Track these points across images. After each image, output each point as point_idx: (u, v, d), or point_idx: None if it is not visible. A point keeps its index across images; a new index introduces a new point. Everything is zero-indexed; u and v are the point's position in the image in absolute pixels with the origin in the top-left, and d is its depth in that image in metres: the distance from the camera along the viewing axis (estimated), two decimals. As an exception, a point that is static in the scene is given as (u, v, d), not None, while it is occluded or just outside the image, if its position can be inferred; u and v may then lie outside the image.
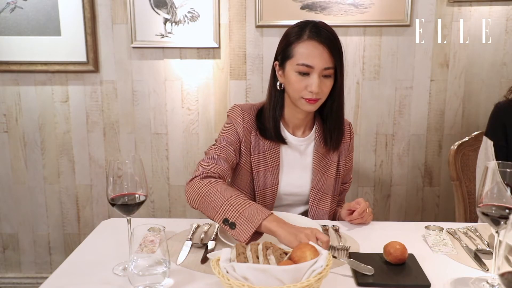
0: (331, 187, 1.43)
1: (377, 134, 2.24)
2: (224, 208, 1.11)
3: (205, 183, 1.18)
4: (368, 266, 1.01)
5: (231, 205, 1.11)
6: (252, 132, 1.38)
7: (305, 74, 1.26)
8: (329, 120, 1.40)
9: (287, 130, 1.41)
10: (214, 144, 1.36)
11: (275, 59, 1.36)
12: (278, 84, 1.35)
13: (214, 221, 1.14)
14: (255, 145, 1.37)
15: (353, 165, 1.57)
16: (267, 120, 1.37)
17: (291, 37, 1.29)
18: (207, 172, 1.22)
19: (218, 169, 1.26)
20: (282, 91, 1.37)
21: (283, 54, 1.31)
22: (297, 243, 1.00)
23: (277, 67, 1.35)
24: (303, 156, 1.42)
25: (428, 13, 2.10)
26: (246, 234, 1.07)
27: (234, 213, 1.10)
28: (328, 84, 1.29)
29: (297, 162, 1.41)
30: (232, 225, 1.09)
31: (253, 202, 1.13)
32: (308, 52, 1.25)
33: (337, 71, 1.30)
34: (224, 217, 1.11)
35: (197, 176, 1.21)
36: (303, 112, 1.36)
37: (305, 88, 1.27)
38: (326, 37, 1.26)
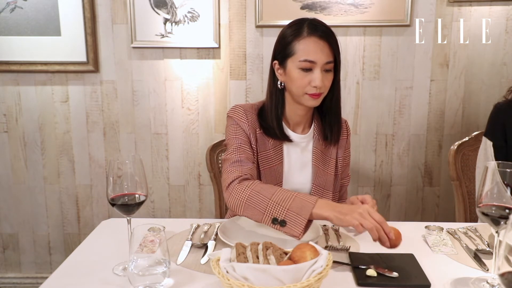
0: (332, 183, 1.44)
1: (377, 134, 2.24)
2: (270, 208, 1.11)
3: (244, 187, 1.18)
4: (394, 272, 0.99)
5: (276, 203, 1.11)
6: (257, 130, 1.39)
7: (308, 70, 1.28)
8: (329, 114, 1.42)
9: (288, 128, 1.43)
10: (223, 145, 1.34)
11: (274, 59, 1.38)
12: (279, 83, 1.37)
13: (263, 223, 1.13)
14: (261, 143, 1.38)
15: (350, 161, 1.56)
16: (270, 120, 1.38)
17: (290, 36, 1.31)
18: (241, 176, 1.22)
19: (247, 170, 1.26)
20: (283, 89, 1.38)
21: (283, 53, 1.33)
22: (346, 223, 1.03)
23: (276, 66, 1.37)
24: (304, 153, 1.43)
25: (428, 13, 2.10)
26: (299, 228, 1.07)
27: (281, 211, 1.10)
28: (330, 78, 1.32)
29: (298, 159, 1.43)
30: (282, 223, 1.09)
31: (296, 193, 1.13)
32: (309, 48, 1.27)
33: (336, 65, 1.32)
34: (272, 217, 1.11)
35: (233, 181, 1.21)
36: (304, 108, 1.38)
37: (309, 84, 1.29)
38: (325, 32, 1.29)
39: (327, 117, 1.42)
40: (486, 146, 1.51)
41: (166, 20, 2.13)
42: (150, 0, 2.11)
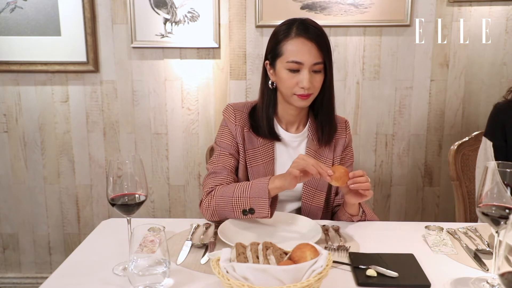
0: (326, 184, 1.43)
1: (377, 134, 2.24)
2: (235, 205, 1.24)
3: (209, 199, 1.30)
4: (393, 272, 0.99)
5: (238, 197, 1.24)
6: (245, 128, 1.41)
7: (296, 70, 1.29)
8: (320, 115, 1.42)
9: (280, 126, 1.44)
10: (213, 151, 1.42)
11: (265, 58, 1.39)
12: (270, 82, 1.38)
13: (237, 218, 1.26)
14: (248, 141, 1.41)
15: (353, 160, 1.55)
16: (260, 119, 1.40)
17: (280, 36, 1.32)
18: (207, 191, 1.33)
19: (219, 180, 1.35)
20: (274, 89, 1.39)
21: (273, 53, 1.34)
22: (295, 181, 1.19)
23: (268, 66, 1.38)
24: (296, 153, 1.43)
25: (428, 13, 2.10)
26: (265, 209, 1.21)
27: (245, 202, 1.23)
28: (319, 79, 1.32)
29: (289, 158, 1.42)
30: (251, 211, 1.23)
31: (250, 182, 1.26)
32: (297, 49, 1.28)
33: (326, 66, 1.32)
34: (241, 210, 1.23)
35: (202, 200, 1.33)
36: (296, 108, 1.39)
37: (297, 85, 1.30)
38: (314, 33, 1.29)
39: (319, 117, 1.42)
40: (486, 146, 1.51)
41: (166, 20, 2.13)
42: (150, 0, 2.11)
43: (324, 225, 1.28)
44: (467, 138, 1.79)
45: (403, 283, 0.97)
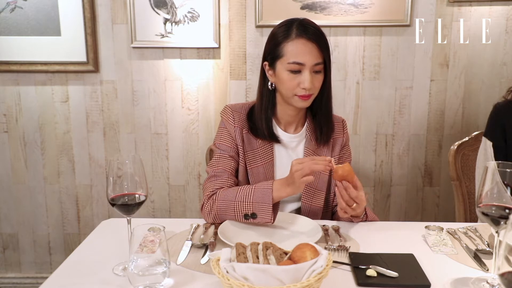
0: (325, 184, 1.44)
1: (377, 134, 2.24)
2: (237, 209, 1.24)
3: (211, 203, 1.29)
4: (393, 272, 1.00)
5: (240, 201, 1.23)
6: (244, 130, 1.41)
7: (297, 71, 1.29)
8: (319, 114, 1.42)
9: (279, 127, 1.44)
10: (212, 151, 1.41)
11: (264, 59, 1.38)
12: (269, 84, 1.38)
13: (239, 221, 1.26)
14: (247, 143, 1.40)
15: (351, 159, 1.55)
16: (259, 121, 1.40)
17: (279, 37, 1.31)
18: (209, 194, 1.32)
19: (219, 183, 1.34)
20: (273, 90, 1.39)
21: (272, 54, 1.33)
22: (303, 186, 1.17)
23: (266, 67, 1.37)
24: (295, 153, 1.44)
25: (428, 13, 2.10)
26: (268, 215, 1.21)
27: (247, 206, 1.22)
28: (319, 79, 1.32)
29: (289, 159, 1.42)
30: (253, 216, 1.22)
31: (253, 186, 1.25)
32: (298, 50, 1.28)
33: (326, 66, 1.32)
34: (242, 214, 1.23)
35: (203, 204, 1.32)
36: (295, 109, 1.39)
37: (298, 86, 1.29)
38: (314, 33, 1.28)
39: (317, 117, 1.43)
40: (486, 146, 1.51)
41: (166, 20, 2.13)
42: (150, 0, 2.11)
43: (324, 225, 1.28)
44: (467, 138, 1.79)
45: (403, 283, 0.97)
